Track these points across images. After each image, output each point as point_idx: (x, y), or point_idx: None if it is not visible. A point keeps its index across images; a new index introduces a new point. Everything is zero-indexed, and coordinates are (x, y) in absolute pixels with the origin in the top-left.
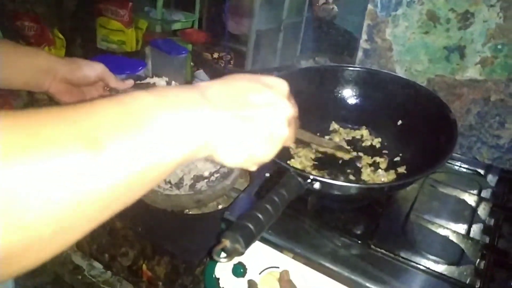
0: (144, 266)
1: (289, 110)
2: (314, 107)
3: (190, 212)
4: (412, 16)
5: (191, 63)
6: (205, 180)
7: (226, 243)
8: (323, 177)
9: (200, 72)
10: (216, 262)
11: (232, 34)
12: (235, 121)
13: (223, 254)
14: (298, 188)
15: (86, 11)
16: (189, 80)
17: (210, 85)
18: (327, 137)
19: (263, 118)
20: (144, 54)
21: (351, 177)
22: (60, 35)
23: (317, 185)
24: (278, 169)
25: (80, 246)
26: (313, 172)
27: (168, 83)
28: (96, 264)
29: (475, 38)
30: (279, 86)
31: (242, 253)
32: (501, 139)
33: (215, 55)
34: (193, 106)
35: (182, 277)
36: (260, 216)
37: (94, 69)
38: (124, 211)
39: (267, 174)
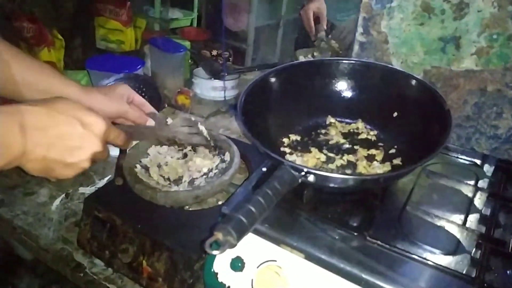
0: (144, 263)
1: (96, 147)
2: (310, 102)
3: (190, 208)
4: (407, 8)
5: (190, 61)
6: (204, 177)
7: (219, 235)
8: (318, 170)
9: (199, 70)
10: (213, 256)
11: (231, 31)
12: (38, 149)
13: (215, 247)
14: (292, 180)
15: (84, 11)
16: (188, 78)
17: (32, 111)
18: (323, 130)
19: (66, 150)
20: (144, 53)
21: (347, 170)
22: (59, 36)
23: (311, 178)
24: (274, 162)
25: (81, 243)
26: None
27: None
28: (97, 262)
29: (470, 28)
30: (95, 126)
31: (234, 245)
32: (498, 129)
33: (214, 53)
34: (8, 138)
35: (181, 273)
36: (252, 208)
37: (111, 106)
38: (124, 208)
39: (264, 169)
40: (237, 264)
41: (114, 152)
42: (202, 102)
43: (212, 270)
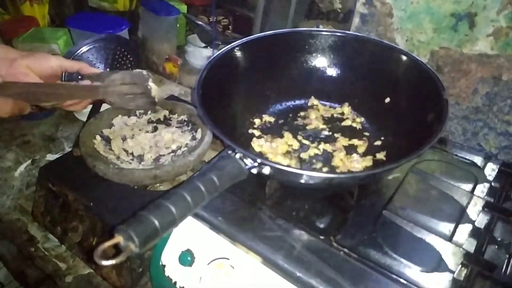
0: (94, 244)
1: None
2: (290, 80)
3: (161, 188)
4: None
5: (186, 27)
6: (171, 154)
7: (119, 239)
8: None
9: (194, 37)
10: (162, 247)
11: None
12: None
13: (107, 255)
14: (238, 172)
15: None
16: (181, 45)
17: None
18: (302, 113)
19: None
20: (138, 15)
21: (320, 162)
22: None
23: (266, 170)
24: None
25: (35, 216)
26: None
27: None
28: (52, 237)
29: (488, 4)
30: None
31: (136, 254)
32: (511, 126)
33: (212, 19)
34: None
35: (131, 261)
36: (171, 208)
37: (49, 63)
38: (79, 183)
39: (230, 152)
40: (186, 259)
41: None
42: (193, 72)
43: (160, 262)
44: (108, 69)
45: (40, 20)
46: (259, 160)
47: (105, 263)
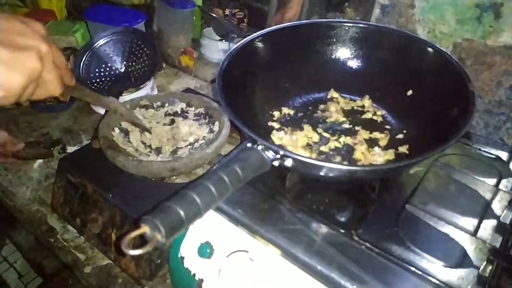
0: (113, 236)
1: (42, 45)
2: (310, 72)
3: (177, 180)
4: None
5: (201, 20)
6: (189, 147)
7: (145, 229)
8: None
9: (209, 30)
10: (181, 238)
11: None
12: None
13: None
14: (260, 164)
15: None
16: (197, 38)
17: None
18: (322, 106)
19: (5, 42)
20: (154, 7)
21: (341, 155)
22: None
23: (289, 162)
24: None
25: (54, 207)
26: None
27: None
28: (71, 228)
29: None
30: (33, 25)
31: (163, 244)
32: None
33: (227, 12)
34: None
35: (149, 252)
36: (196, 198)
37: None
38: (98, 174)
39: (249, 144)
40: (206, 251)
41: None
42: (209, 65)
43: (179, 254)
44: (125, 62)
45: (58, 13)
46: (281, 152)
47: (132, 252)
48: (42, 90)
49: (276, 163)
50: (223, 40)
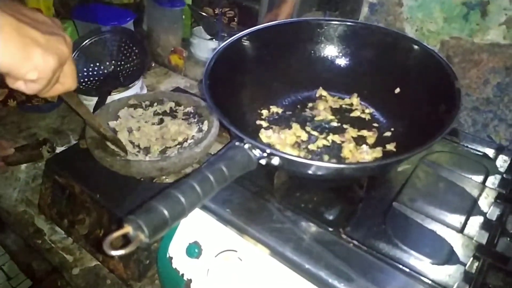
0: (101, 236)
1: (67, 37)
2: (298, 70)
3: (167, 180)
4: None
5: (192, 19)
6: (178, 146)
7: (128, 229)
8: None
9: (199, 29)
10: (169, 239)
11: None
12: (13, 17)
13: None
14: (247, 162)
15: None
16: (187, 37)
17: None
18: (310, 104)
19: (40, 28)
20: (143, 6)
21: (328, 153)
22: None
23: (276, 161)
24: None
25: (42, 208)
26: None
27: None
28: (58, 229)
29: None
30: (52, 18)
31: (146, 243)
32: None
33: (217, 11)
34: None
35: (138, 252)
36: (181, 198)
37: None
38: (86, 175)
39: (237, 143)
40: (194, 251)
41: None
42: (199, 64)
43: (167, 254)
44: (113, 61)
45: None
46: (268, 151)
47: (114, 253)
48: (60, 84)
49: (263, 162)
50: (213, 39)
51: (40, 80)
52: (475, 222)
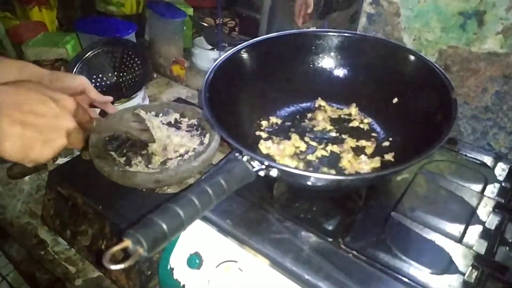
0: (103, 247)
1: (70, 123)
2: (297, 81)
3: (169, 191)
4: None
5: (193, 30)
6: (179, 158)
7: (128, 243)
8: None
9: (201, 39)
10: (170, 250)
11: None
12: (14, 126)
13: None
14: (245, 175)
15: None
16: (188, 47)
17: (1, 89)
18: (309, 114)
19: (42, 127)
20: (145, 18)
21: (327, 164)
22: None
23: (274, 173)
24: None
25: (45, 219)
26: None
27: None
28: (61, 240)
29: (497, 1)
30: (65, 102)
31: (145, 257)
32: None
33: (218, 21)
34: None
35: (140, 263)
36: (180, 212)
37: (74, 81)
38: (88, 186)
39: (237, 154)
40: (195, 261)
41: None
42: (200, 74)
43: (168, 265)
44: (115, 72)
45: (49, 25)
46: (266, 163)
47: (113, 267)
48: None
49: (261, 173)
50: (215, 49)
51: (33, 165)
52: (474, 231)
